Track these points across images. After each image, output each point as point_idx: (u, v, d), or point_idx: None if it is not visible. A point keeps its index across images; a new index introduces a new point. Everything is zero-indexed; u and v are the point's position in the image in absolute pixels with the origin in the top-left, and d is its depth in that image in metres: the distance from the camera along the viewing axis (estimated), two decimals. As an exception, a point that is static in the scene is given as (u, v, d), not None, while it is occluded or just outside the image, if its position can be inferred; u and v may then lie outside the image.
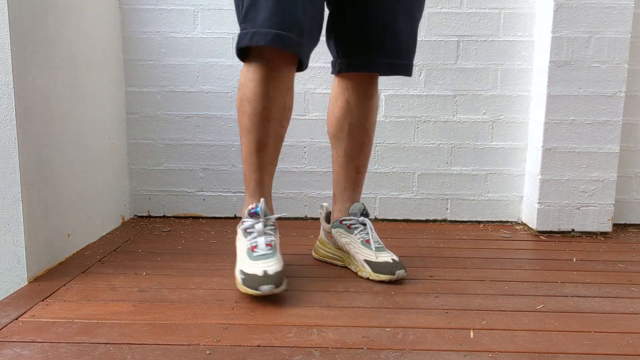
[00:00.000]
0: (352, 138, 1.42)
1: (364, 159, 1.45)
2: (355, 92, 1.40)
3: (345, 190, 1.46)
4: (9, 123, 1.26)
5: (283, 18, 1.17)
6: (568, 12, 1.73)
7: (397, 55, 1.34)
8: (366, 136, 1.43)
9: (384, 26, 1.31)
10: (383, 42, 1.32)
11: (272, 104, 1.26)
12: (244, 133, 1.30)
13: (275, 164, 1.38)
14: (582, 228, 1.83)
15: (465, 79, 1.91)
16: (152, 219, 1.98)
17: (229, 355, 0.96)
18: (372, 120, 1.44)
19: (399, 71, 1.37)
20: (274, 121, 1.28)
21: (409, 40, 1.35)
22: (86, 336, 1.03)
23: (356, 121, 1.41)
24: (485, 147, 1.94)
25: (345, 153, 1.43)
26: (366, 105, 1.41)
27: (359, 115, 1.41)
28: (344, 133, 1.42)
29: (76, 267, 1.43)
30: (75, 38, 1.56)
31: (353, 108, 1.40)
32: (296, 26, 1.19)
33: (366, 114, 1.41)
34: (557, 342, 1.03)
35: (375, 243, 1.38)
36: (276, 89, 1.26)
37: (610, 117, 1.78)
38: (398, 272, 1.32)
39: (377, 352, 0.98)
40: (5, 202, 1.29)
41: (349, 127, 1.41)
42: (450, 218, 1.98)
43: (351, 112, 1.41)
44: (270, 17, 1.17)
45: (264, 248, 1.24)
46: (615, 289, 1.32)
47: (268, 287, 1.15)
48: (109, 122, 1.81)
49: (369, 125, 1.43)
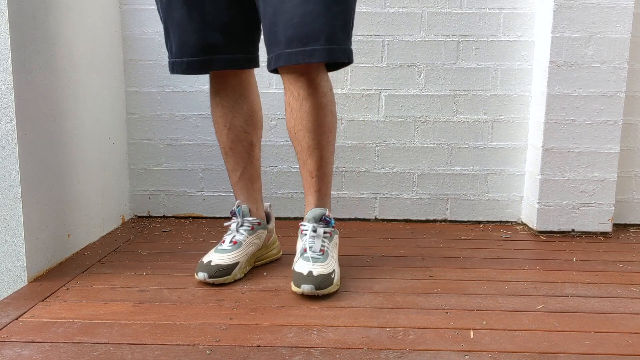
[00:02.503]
0: (298, 141, 1.32)
1: (316, 164, 1.32)
2: (291, 93, 1.29)
3: (306, 194, 1.38)
4: (9, 123, 1.26)
5: (189, 45, 1.31)
6: (568, 12, 1.73)
7: (300, 43, 1.19)
8: (311, 139, 1.30)
9: (274, 16, 1.21)
10: (277, 32, 1.21)
11: (227, 112, 1.41)
12: None
13: (253, 167, 1.46)
14: (582, 228, 1.83)
15: (465, 79, 1.91)
16: (152, 219, 1.98)
17: (229, 355, 0.96)
18: (315, 122, 1.28)
19: (304, 58, 1.19)
20: (234, 128, 1.42)
21: (311, 23, 1.18)
22: (86, 336, 1.03)
23: (298, 124, 1.30)
24: (485, 147, 1.94)
25: (298, 157, 1.35)
26: (304, 107, 1.27)
27: (299, 118, 1.29)
28: (291, 136, 1.34)
29: (76, 267, 1.44)
30: (75, 38, 1.56)
31: (293, 110, 1.29)
32: (205, 47, 1.31)
33: (306, 116, 1.28)
34: (557, 342, 1.03)
35: (312, 252, 1.27)
36: (228, 97, 1.40)
37: (610, 117, 1.78)
38: (303, 286, 1.21)
39: (377, 352, 0.98)
40: (5, 202, 1.29)
41: (292, 130, 1.32)
42: (450, 218, 1.98)
43: (292, 114, 1.30)
44: (180, 47, 1.32)
45: (228, 244, 1.36)
46: (615, 289, 1.32)
47: (202, 274, 1.30)
48: (109, 122, 1.81)
49: (311, 128, 1.29)
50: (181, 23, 1.30)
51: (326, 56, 1.20)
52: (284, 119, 1.94)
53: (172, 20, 1.31)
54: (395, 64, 1.90)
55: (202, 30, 1.29)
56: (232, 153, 1.44)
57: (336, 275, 1.27)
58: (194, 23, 1.29)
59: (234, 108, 1.41)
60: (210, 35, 1.30)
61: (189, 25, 1.29)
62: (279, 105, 1.92)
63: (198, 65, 1.32)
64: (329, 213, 1.35)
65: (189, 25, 1.29)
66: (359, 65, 1.90)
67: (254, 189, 1.47)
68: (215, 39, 1.30)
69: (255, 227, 1.41)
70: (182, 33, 1.30)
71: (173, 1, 1.29)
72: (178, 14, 1.29)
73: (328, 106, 1.30)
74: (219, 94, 1.41)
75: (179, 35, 1.31)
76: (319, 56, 1.20)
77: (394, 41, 1.89)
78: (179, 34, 1.31)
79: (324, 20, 1.18)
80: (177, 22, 1.30)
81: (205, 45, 1.30)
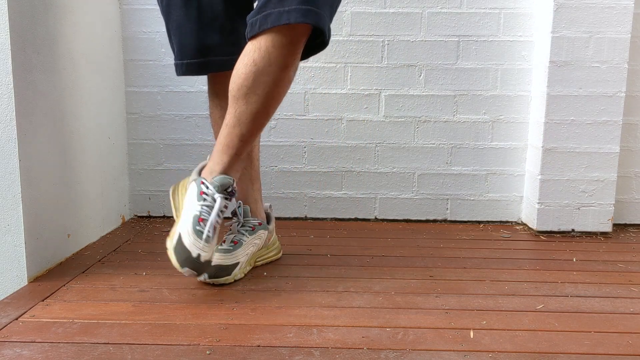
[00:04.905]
0: (245, 103, 1.20)
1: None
2: (266, 53, 1.15)
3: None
4: (9, 123, 1.26)
5: (187, 46, 1.31)
6: (568, 12, 1.73)
7: (292, 2, 1.10)
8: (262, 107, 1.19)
9: None
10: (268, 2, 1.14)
11: (224, 114, 1.35)
12: None
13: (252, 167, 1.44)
14: (582, 228, 1.83)
15: (465, 79, 1.91)
16: (152, 219, 1.98)
17: (229, 355, 0.96)
18: (278, 97, 1.21)
19: (296, 17, 1.10)
20: None
21: None
22: (86, 336, 1.03)
23: (256, 87, 1.18)
24: (485, 147, 1.94)
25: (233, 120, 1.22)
26: (273, 74, 1.16)
27: (261, 83, 1.17)
28: (238, 95, 1.21)
29: (76, 267, 1.43)
30: (75, 38, 1.56)
31: (258, 70, 1.16)
32: (202, 48, 1.31)
33: (271, 85, 1.17)
34: (557, 342, 1.03)
35: (207, 231, 1.18)
36: (226, 99, 1.36)
37: (610, 117, 1.78)
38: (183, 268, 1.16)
39: (377, 352, 0.98)
40: (5, 202, 1.29)
41: (244, 88, 1.19)
42: (450, 218, 1.98)
43: (254, 75, 1.17)
44: (180, 49, 1.33)
45: (228, 244, 1.33)
46: (615, 289, 1.32)
47: (202, 275, 1.24)
48: (109, 122, 1.81)
49: (268, 98, 1.19)
50: (180, 25, 1.30)
51: (317, 20, 1.11)
52: (284, 119, 1.94)
53: (172, 22, 1.32)
54: (395, 64, 1.90)
55: (199, 32, 1.30)
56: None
57: None
58: (191, 24, 1.29)
59: None
60: (207, 36, 1.30)
61: (187, 27, 1.30)
62: (279, 105, 1.92)
63: (196, 67, 1.33)
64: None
65: (187, 27, 1.30)
66: (359, 65, 1.90)
67: (254, 189, 1.47)
68: (212, 40, 1.31)
69: (255, 227, 1.41)
70: (181, 35, 1.31)
71: (172, 3, 1.30)
72: (176, 16, 1.30)
73: (288, 85, 1.22)
74: (217, 96, 1.42)
75: (179, 37, 1.32)
76: (313, 18, 1.10)
77: (394, 41, 1.89)
78: (178, 35, 1.32)
79: None
80: (176, 24, 1.31)
81: (203, 47, 1.31)
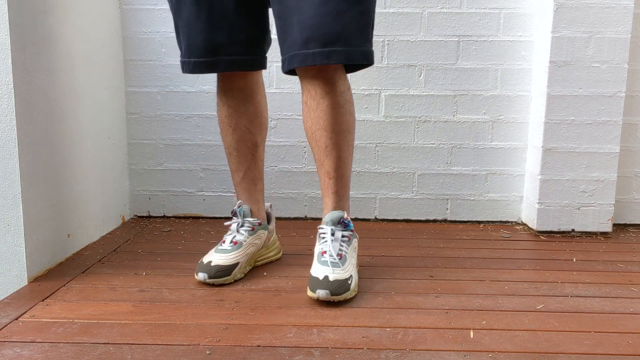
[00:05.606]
0: (315, 142, 1.31)
1: (333, 164, 1.31)
2: (308, 92, 1.29)
3: (323, 196, 1.36)
4: (9, 123, 1.26)
5: (196, 45, 1.31)
6: (568, 12, 1.73)
7: (317, 44, 1.18)
8: (328, 139, 1.29)
9: (290, 16, 1.21)
10: (293, 33, 1.21)
11: (232, 112, 1.41)
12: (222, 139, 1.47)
13: (256, 167, 1.47)
14: (582, 228, 1.83)
15: (465, 79, 1.91)
16: (152, 219, 1.98)
17: (229, 355, 0.96)
18: (332, 121, 1.28)
19: (322, 59, 1.19)
20: (239, 128, 1.42)
21: (329, 24, 1.17)
22: (86, 336, 1.03)
23: (315, 123, 1.29)
24: (485, 147, 1.94)
25: (315, 158, 1.34)
26: (321, 106, 1.27)
27: (316, 117, 1.29)
28: (308, 136, 1.33)
29: (76, 267, 1.44)
30: (75, 38, 1.56)
31: (310, 109, 1.29)
32: (212, 47, 1.31)
33: (323, 115, 1.28)
34: (557, 342, 1.03)
35: (329, 257, 1.25)
36: (234, 98, 1.41)
37: (610, 117, 1.78)
38: (318, 291, 1.18)
39: (377, 352, 0.98)
40: (5, 202, 1.29)
41: (310, 130, 1.31)
42: (450, 218, 1.98)
43: (309, 114, 1.30)
44: (188, 47, 1.33)
45: (228, 244, 1.37)
46: (615, 289, 1.32)
47: (202, 274, 1.30)
48: (109, 122, 1.81)
49: (328, 127, 1.28)
50: (189, 23, 1.29)
51: (344, 58, 1.20)
52: (284, 119, 1.94)
53: (182, 19, 1.31)
54: (396, 64, 1.90)
55: (209, 31, 1.29)
56: (236, 153, 1.44)
57: (353, 281, 1.24)
58: (201, 23, 1.28)
59: (240, 109, 1.41)
60: (217, 36, 1.30)
61: (197, 26, 1.29)
62: (279, 105, 1.93)
63: (204, 66, 1.32)
64: (348, 216, 1.33)
65: (197, 26, 1.29)
66: (359, 65, 1.90)
67: (257, 189, 1.47)
68: (221, 40, 1.30)
69: (255, 227, 1.41)
70: (190, 33, 1.30)
71: (182, 1, 1.29)
72: (187, 14, 1.29)
73: (345, 105, 1.29)
74: (225, 94, 1.41)
75: (188, 35, 1.31)
76: (337, 58, 1.19)
77: (394, 41, 1.89)
78: (187, 33, 1.31)
79: (342, 22, 1.18)
80: (185, 21, 1.30)
81: (212, 46, 1.30)
